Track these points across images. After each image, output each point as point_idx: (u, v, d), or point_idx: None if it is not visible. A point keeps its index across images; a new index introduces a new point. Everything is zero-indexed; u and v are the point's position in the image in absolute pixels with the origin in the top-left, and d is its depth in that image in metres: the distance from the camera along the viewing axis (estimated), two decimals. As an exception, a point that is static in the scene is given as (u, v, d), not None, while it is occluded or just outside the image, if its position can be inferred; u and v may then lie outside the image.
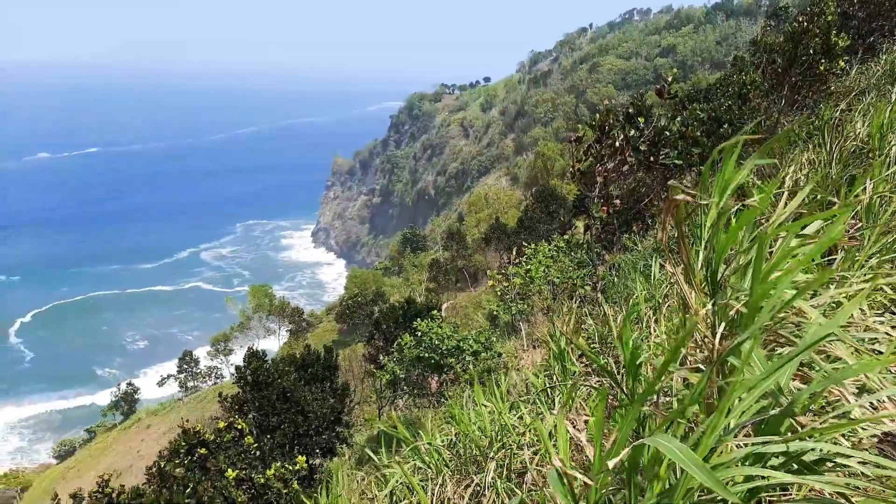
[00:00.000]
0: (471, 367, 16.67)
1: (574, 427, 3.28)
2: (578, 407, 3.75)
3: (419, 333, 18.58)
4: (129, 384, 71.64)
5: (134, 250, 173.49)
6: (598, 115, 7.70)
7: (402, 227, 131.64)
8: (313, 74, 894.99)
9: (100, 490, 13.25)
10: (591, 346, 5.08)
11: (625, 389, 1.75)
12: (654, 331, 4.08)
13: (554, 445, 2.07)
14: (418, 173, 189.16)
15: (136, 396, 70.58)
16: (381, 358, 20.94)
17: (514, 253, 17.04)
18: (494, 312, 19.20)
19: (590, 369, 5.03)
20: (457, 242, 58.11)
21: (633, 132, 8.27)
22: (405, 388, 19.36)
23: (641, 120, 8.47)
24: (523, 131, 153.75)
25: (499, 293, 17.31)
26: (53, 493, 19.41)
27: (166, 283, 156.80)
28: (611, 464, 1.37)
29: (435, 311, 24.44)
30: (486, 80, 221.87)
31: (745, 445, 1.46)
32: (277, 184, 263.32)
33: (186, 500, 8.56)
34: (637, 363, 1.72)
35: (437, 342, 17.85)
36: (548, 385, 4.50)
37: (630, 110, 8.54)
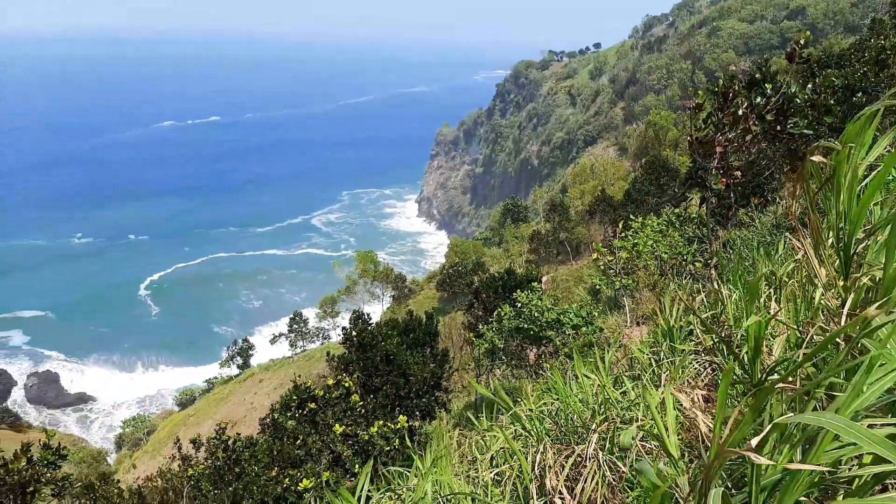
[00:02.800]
0: (571, 340, 16.52)
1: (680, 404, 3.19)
2: (686, 385, 3.64)
3: (519, 304, 18.58)
4: (245, 340, 76.48)
5: (250, 215, 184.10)
6: (720, 81, 7.25)
7: (503, 198, 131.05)
8: (423, 44, 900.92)
9: (217, 437, 14.37)
10: (703, 324, 4.88)
11: (746, 368, 1.68)
12: (773, 310, 3.87)
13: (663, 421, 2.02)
14: (522, 143, 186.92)
15: (250, 353, 75.31)
16: (480, 327, 21.15)
17: (619, 226, 16.56)
18: (597, 287, 18.84)
19: (699, 348, 4.84)
20: (559, 214, 57.19)
21: (758, 99, 7.75)
22: (503, 357, 19.48)
23: (768, 87, 7.91)
24: (634, 99, 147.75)
25: (602, 267, 16.92)
26: (176, 437, 21.30)
27: (279, 247, 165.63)
28: (754, 442, 1.33)
29: (535, 283, 24.32)
30: (597, 46, 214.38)
31: (881, 426, 1.37)
32: (383, 153, 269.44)
33: (297, 451, 9.12)
34: (760, 341, 1.64)
35: (536, 314, 17.80)
36: (654, 361, 4.38)
37: (756, 75, 7.98)
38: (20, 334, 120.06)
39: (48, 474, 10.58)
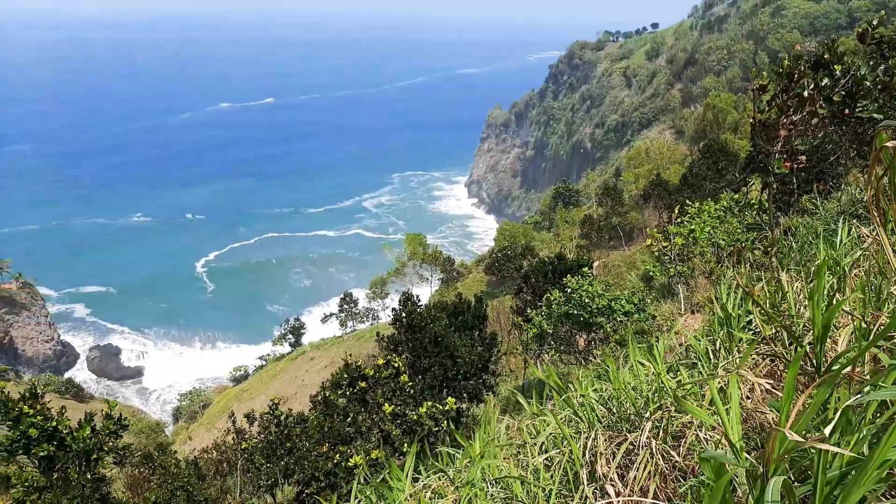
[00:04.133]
0: (622, 327, 16.29)
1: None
2: (745, 374, 3.55)
3: (569, 290, 18.40)
4: (297, 319, 78.26)
5: (302, 197, 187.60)
6: (785, 62, 6.96)
7: (554, 181, 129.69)
8: (476, 25, 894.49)
9: (270, 412, 14.81)
10: (762, 313, 4.74)
11: (811, 357, 1.62)
12: (837, 300, 3.73)
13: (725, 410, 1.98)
14: (575, 125, 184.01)
15: (301, 331, 77.03)
16: (529, 311, 21.05)
17: (675, 211, 16.17)
18: (650, 273, 18.49)
19: (757, 338, 4.71)
20: (612, 198, 56.19)
21: (825, 81, 7.40)
22: (552, 343, 19.37)
23: (837, 68, 7.54)
24: (692, 81, 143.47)
25: (656, 253, 16.59)
26: (230, 411, 22.02)
27: (330, 228, 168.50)
28: (827, 430, 1.29)
29: (586, 269, 24.05)
30: (654, 26, 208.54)
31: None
32: (434, 135, 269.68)
33: (347, 429, 9.31)
34: (827, 329, 1.58)
35: (587, 300, 17.61)
36: (711, 350, 4.28)
37: (825, 56, 7.62)
38: (83, 307, 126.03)
39: (110, 443, 11.08)
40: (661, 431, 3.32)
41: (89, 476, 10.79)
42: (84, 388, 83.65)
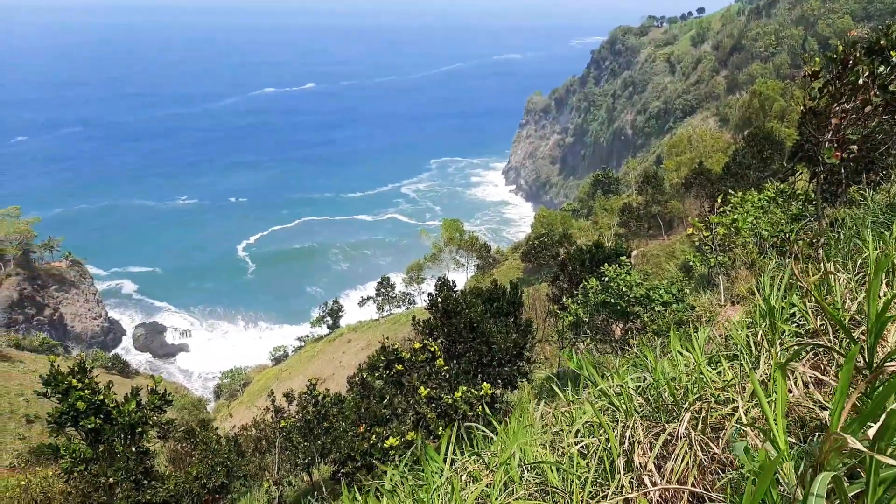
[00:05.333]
0: (659, 317, 16.07)
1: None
2: (789, 367, 3.47)
3: (606, 278, 18.21)
4: (335, 302, 79.27)
5: (343, 182, 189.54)
6: (839, 47, 6.71)
7: (593, 169, 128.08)
8: (520, 9, 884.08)
9: (308, 392, 15.09)
10: (812, 306, 4.62)
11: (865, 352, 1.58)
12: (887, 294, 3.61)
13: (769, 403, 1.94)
14: (616, 112, 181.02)
15: (340, 314, 78.03)
16: (565, 299, 20.92)
17: (718, 201, 15.83)
18: (690, 263, 18.18)
19: (801, 330, 4.60)
20: (653, 187, 55.28)
21: (881, 68, 7.12)
22: (587, 331, 19.23)
23: (894, 55, 7.24)
24: (738, 68, 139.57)
25: (697, 243, 16.29)
26: (270, 390, 22.50)
27: (368, 213, 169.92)
28: (871, 433, 1.25)
29: (624, 257, 23.73)
30: (700, 11, 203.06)
31: None
32: (473, 121, 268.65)
33: (383, 410, 9.43)
34: (883, 323, 1.53)
35: (624, 289, 17.40)
36: (753, 342, 4.20)
37: (881, 42, 7.32)
38: (131, 283, 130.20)
39: (155, 418, 11.43)
40: (699, 423, 3.28)
41: (134, 449, 11.15)
42: (129, 364, 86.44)
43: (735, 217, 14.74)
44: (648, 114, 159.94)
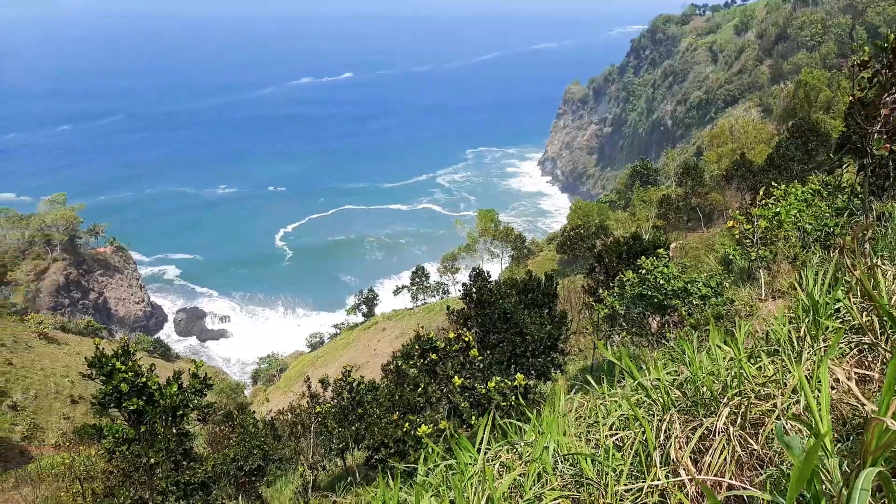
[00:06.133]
0: (697, 311, 15.80)
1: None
2: (832, 363, 3.40)
3: (643, 271, 17.96)
4: (371, 290, 79.97)
5: (379, 171, 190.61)
6: (889, 36, 6.47)
7: (631, 160, 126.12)
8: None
9: (343, 378, 15.28)
10: (860, 300, 4.50)
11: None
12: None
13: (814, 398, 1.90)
14: (655, 102, 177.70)
15: (375, 302, 78.71)
16: (601, 292, 20.71)
17: (760, 193, 15.46)
18: (730, 256, 17.81)
19: (846, 326, 4.48)
20: (692, 178, 54.16)
21: (936, 55, 6.85)
22: (623, 324, 19.02)
23: (949, 41, 6.95)
24: (783, 57, 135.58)
25: (737, 236, 15.94)
26: (306, 376, 22.84)
27: (403, 202, 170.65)
28: None
29: (662, 250, 23.35)
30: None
31: None
32: (509, 111, 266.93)
33: (417, 398, 9.50)
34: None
35: (661, 282, 17.14)
36: (795, 337, 4.11)
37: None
38: (174, 268, 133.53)
39: (195, 401, 11.72)
40: (738, 418, 3.23)
41: (174, 430, 11.45)
42: (170, 347, 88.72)
43: (778, 210, 14.38)
44: (689, 104, 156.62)
